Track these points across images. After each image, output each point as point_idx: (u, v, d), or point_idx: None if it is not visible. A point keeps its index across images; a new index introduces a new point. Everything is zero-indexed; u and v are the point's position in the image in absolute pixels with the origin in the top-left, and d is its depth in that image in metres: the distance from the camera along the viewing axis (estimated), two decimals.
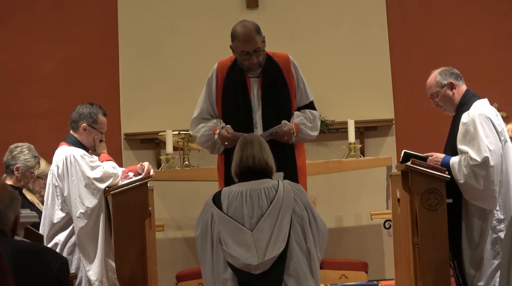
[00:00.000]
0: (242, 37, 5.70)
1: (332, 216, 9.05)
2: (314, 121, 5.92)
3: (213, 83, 5.89)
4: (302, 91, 5.92)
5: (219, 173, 5.91)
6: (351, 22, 9.32)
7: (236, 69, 5.85)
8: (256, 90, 5.83)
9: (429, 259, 5.84)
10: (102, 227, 5.89)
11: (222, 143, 5.76)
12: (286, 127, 5.73)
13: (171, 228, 9.02)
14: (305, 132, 5.86)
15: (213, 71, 5.93)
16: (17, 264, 4.09)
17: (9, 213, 4.25)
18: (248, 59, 5.73)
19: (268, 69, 5.83)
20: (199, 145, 6.07)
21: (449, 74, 6.04)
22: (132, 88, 9.24)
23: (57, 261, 4.20)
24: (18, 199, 4.35)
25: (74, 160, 5.91)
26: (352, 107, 9.15)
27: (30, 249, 4.25)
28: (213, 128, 5.83)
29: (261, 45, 5.75)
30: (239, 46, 5.72)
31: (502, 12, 9.32)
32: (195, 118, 5.96)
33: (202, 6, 9.30)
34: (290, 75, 5.88)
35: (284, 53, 5.96)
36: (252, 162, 4.94)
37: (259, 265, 4.71)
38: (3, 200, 4.24)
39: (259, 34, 5.73)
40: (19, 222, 4.37)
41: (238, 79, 5.83)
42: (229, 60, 5.92)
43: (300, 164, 5.87)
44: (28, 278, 4.12)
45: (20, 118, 9.16)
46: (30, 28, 9.25)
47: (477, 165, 5.75)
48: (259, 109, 5.82)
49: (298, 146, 5.91)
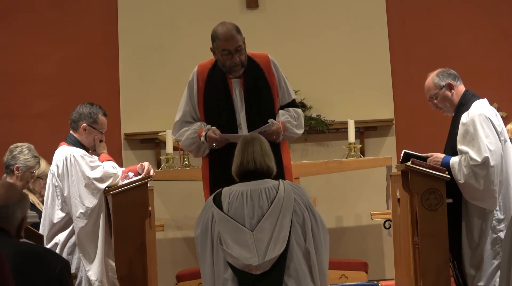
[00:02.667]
0: (223, 36, 5.71)
1: (332, 216, 9.05)
2: (299, 119, 5.94)
3: (194, 86, 5.89)
4: (284, 90, 5.93)
5: (203, 176, 5.91)
6: (351, 22, 9.32)
7: (217, 71, 5.85)
8: (238, 91, 5.83)
9: (429, 259, 5.84)
10: (102, 227, 5.89)
11: (210, 145, 5.75)
12: (274, 126, 5.74)
13: (171, 228, 9.02)
14: (291, 130, 5.88)
15: (194, 74, 5.92)
16: (19, 266, 4.09)
17: (17, 211, 4.25)
18: (230, 58, 5.73)
19: (249, 69, 5.83)
20: (184, 148, 6.07)
21: (446, 75, 6.04)
22: (132, 88, 9.24)
23: (59, 264, 4.21)
24: (27, 200, 4.36)
25: (74, 160, 5.91)
26: (352, 107, 9.15)
27: (32, 251, 4.25)
28: (198, 131, 5.82)
29: (242, 44, 5.75)
30: (221, 45, 5.72)
31: (502, 12, 9.31)
32: (178, 121, 5.96)
33: (202, 6, 9.30)
34: (271, 75, 5.89)
35: (263, 53, 5.97)
36: (253, 167, 4.94)
37: (259, 266, 4.71)
38: (12, 198, 4.25)
39: (239, 34, 5.75)
40: (25, 223, 4.38)
41: (219, 80, 5.83)
42: (210, 62, 5.92)
43: (285, 163, 5.88)
44: (30, 280, 4.12)
45: (20, 118, 9.16)
46: (30, 28, 9.25)
47: (477, 165, 5.75)
48: (242, 109, 5.82)
49: (283, 145, 5.92)
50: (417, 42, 9.34)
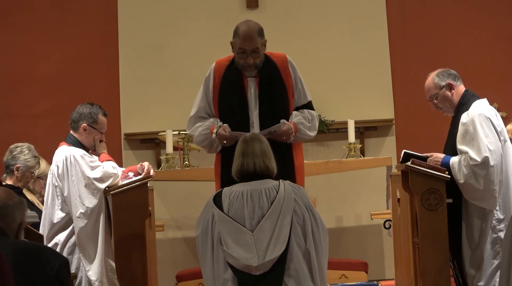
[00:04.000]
0: (243, 35, 5.70)
1: (332, 216, 9.05)
2: (312, 121, 5.92)
3: (210, 82, 5.89)
4: (300, 91, 5.92)
5: (215, 172, 5.91)
6: (351, 22, 9.32)
7: (233, 68, 5.85)
8: (253, 90, 5.83)
9: (429, 259, 5.83)
10: (102, 227, 5.89)
11: (221, 142, 5.76)
12: (285, 126, 5.73)
13: (171, 228, 9.02)
14: (303, 131, 5.86)
15: (211, 70, 5.92)
16: (17, 263, 4.10)
17: (16, 213, 4.27)
18: (244, 57, 5.73)
19: (265, 68, 5.82)
20: (196, 144, 6.07)
21: (446, 75, 6.04)
22: (132, 88, 9.24)
23: (58, 261, 4.22)
24: (25, 206, 4.39)
25: (74, 160, 5.91)
26: (352, 107, 9.15)
27: (31, 248, 4.26)
28: (210, 127, 5.83)
29: (261, 47, 5.74)
30: (238, 43, 5.71)
31: (502, 12, 9.31)
32: (192, 116, 5.96)
33: (202, 6, 9.30)
34: (287, 75, 5.88)
35: (281, 53, 5.95)
36: (253, 169, 4.95)
37: (259, 266, 4.71)
38: (11, 199, 4.27)
39: (260, 36, 5.73)
40: (23, 228, 4.39)
41: (235, 78, 5.83)
42: (227, 59, 5.92)
43: (298, 164, 5.87)
44: (28, 277, 4.13)
45: (20, 118, 9.16)
46: (30, 28, 9.25)
47: (477, 165, 5.75)
48: (256, 108, 5.81)
49: (296, 146, 5.91)
50: (417, 42, 9.34)
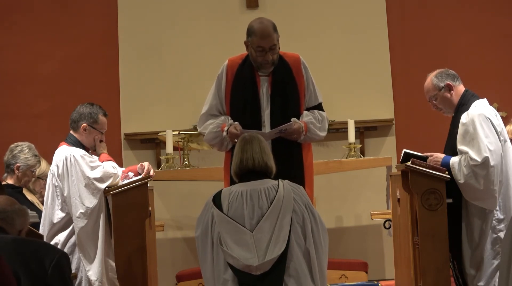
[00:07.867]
0: (260, 33, 5.72)
1: (332, 216, 9.05)
2: (323, 122, 5.95)
3: (223, 80, 5.90)
4: (311, 92, 5.95)
5: (225, 170, 5.91)
6: (351, 22, 9.32)
7: (246, 66, 5.86)
8: (266, 89, 5.84)
9: (429, 259, 5.84)
10: (102, 227, 5.89)
11: (231, 140, 5.76)
12: (295, 125, 5.75)
13: (171, 228, 9.02)
14: (313, 131, 5.88)
15: (223, 68, 5.93)
16: (17, 256, 4.12)
17: (16, 218, 4.29)
18: (263, 55, 5.75)
19: (278, 68, 5.84)
20: (207, 142, 6.07)
21: (445, 76, 6.04)
22: (132, 88, 9.24)
23: (57, 253, 4.25)
24: (27, 214, 4.42)
25: (74, 160, 5.91)
26: (352, 107, 9.15)
27: (30, 243, 4.30)
28: (221, 125, 5.83)
29: (277, 43, 5.78)
30: (256, 41, 5.73)
31: (502, 12, 9.31)
32: (204, 114, 5.96)
33: (202, 6, 9.30)
34: (300, 75, 5.90)
35: (294, 54, 5.99)
36: (252, 164, 4.95)
37: (259, 266, 4.71)
38: (12, 205, 4.30)
39: (275, 32, 5.78)
40: (23, 235, 4.41)
41: (247, 76, 5.85)
42: (240, 57, 5.93)
43: (307, 163, 5.89)
44: (29, 270, 4.15)
45: (20, 118, 9.16)
46: (30, 28, 9.25)
47: (477, 165, 5.75)
48: (267, 107, 5.83)
49: (306, 146, 5.93)
50: (417, 42, 9.34)
